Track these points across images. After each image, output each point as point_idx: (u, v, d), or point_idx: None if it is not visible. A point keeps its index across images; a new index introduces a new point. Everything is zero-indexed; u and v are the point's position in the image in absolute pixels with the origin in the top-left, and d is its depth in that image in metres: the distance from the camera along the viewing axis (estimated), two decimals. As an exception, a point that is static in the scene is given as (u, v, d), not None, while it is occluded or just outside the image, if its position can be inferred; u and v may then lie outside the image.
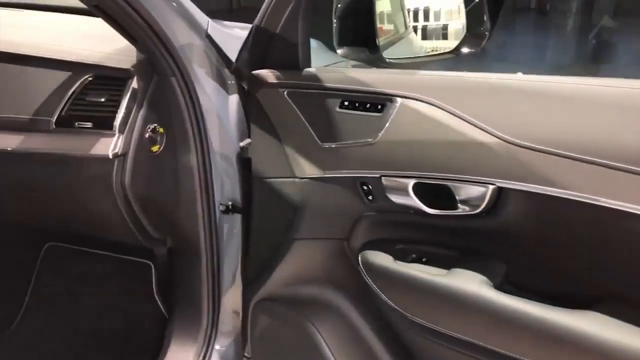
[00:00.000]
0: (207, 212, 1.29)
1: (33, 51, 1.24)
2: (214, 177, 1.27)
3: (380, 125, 1.09)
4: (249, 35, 1.22)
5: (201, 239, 1.30)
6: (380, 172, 1.11)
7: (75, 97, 1.21)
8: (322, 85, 1.17)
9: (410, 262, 1.11)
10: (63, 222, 1.48)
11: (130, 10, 1.08)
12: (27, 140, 1.20)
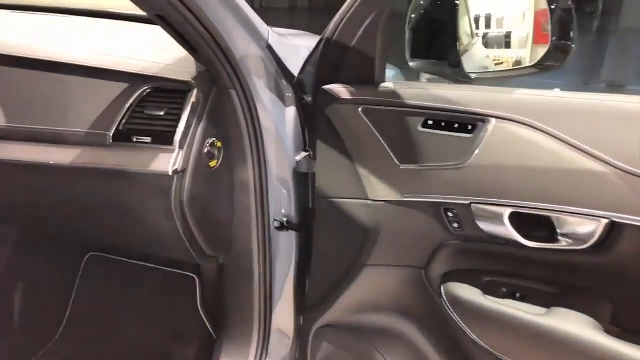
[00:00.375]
0: (261, 228, 1.24)
1: (88, 61, 1.15)
2: (270, 192, 1.21)
3: (471, 148, 1.01)
4: (316, 47, 1.14)
5: (254, 256, 1.26)
6: (470, 198, 1.03)
7: (133, 110, 1.12)
8: (402, 102, 1.09)
9: (502, 297, 1.02)
10: (116, 238, 1.42)
11: (194, 20, 0.98)
12: (84, 155, 1.12)
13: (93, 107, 1.12)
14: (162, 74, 1.12)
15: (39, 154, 1.13)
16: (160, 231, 1.19)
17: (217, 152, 1.18)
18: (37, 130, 1.13)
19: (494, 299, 1.02)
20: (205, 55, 1.08)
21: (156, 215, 1.16)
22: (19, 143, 1.14)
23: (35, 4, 1.69)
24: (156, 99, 1.12)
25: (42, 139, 1.13)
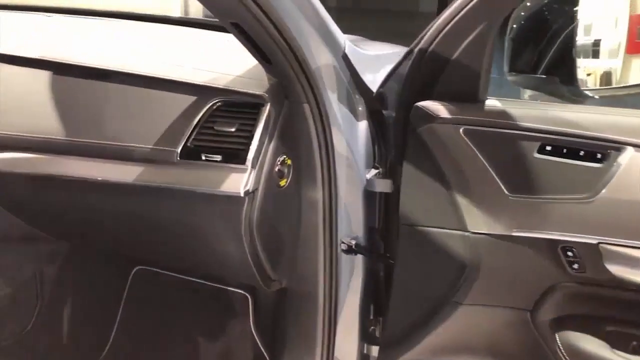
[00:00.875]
0: (328, 251, 1.17)
1: (154, 72, 1.08)
2: (339, 212, 1.14)
3: (601, 179, 0.92)
4: (405, 59, 1.04)
5: (320, 280, 1.19)
6: (598, 237, 0.93)
7: (201, 125, 1.05)
8: (514, 123, 0.99)
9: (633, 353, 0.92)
10: (175, 257, 1.36)
11: (272, 28, 0.91)
12: (149, 173, 1.06)
13: (159, 121, 1.06)
14: (232, 86, 1.05)
15: (101, 170, 1.07)
16: (225, 253, 1.13)
17: (287, 170, 1.10)
18: (99, 145, 1.07)
19: (624, 355, 0.92)
20: (279, 66, 1.01)
21: (223, 237, 1.09)
22: (81, 159, 1.09)
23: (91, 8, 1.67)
24: (226, 113, 1.05)
25: (105, 155, 1.08)
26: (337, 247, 1.17)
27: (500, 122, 1.00)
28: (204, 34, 1.40)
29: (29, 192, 1.22)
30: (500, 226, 1.02)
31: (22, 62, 1.18)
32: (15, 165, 1.14)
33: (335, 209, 1.14)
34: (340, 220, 1.15)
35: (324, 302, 1.19)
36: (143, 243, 1.33)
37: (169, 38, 1.38)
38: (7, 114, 1.15)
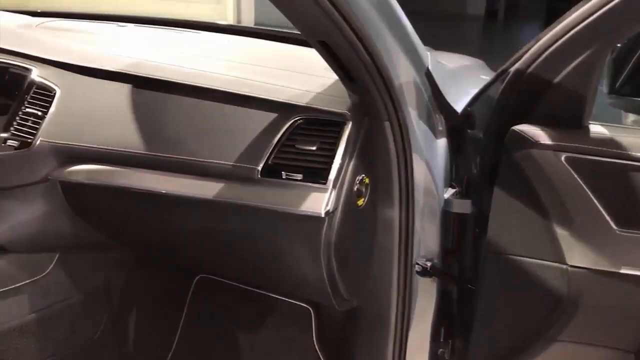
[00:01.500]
0: (403, 272, 1.14)
1: (235, 87, 1.07)
2: (415, 233, 1.10)
3: None
4: (496, 79, 0.99)
5: (393, 301, 1.15)
6: None
7: (282, 143, 1.03)
8: (624, 153, 0.93)
9: None
10: (248, 273, 1.35)
11: (359, 46, 0.88)
12: (229, 190, 1.05)
13: (240, 138, 1.04)
14: (314, 104, 1.03)
15: (180, 185, 1.07)
16: (301, 272, 1.10)
17: (365, 189, 1.07)
18: (179, 160, 1.06)
19: None
20: (362, 84, 0.98)
21: (301, 256, 1.07)
22: (159, 173, 1.09)
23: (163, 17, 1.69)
24: (307, 131, 1.03)
25: (184, 170, 1.07)
26: (411, 268, 1.13)
27: (608, 151, 0.94)
28: (279, 46, 1.39)
29: (106, 203, 1.23)
30: (606, 262, 0.96)
31: (103, 75, 1.20)
32: (94, 176, 1.14)
33: (412, 230, 1.10)
34: (416, 241, 1.12)
35: (395, 323, 1.16)
36: (214, 256, 1.32)
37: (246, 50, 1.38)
38: (89, 127, 1.16)
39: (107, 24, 1.60)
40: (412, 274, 1.13)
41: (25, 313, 1.33)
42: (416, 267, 1.13)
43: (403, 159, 1.05)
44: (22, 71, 1.24)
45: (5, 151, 1.17)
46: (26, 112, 1.19)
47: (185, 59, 1.24)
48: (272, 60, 1.26)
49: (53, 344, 1.42)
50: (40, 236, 1.28)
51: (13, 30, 1.43)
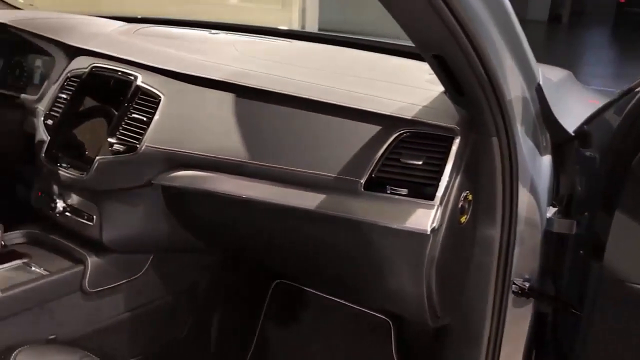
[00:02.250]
0: (500, 292, 1.10)
1: (339, 100, 1.07)
2: (515, 252, 1.07)
3: None
4: (621, 97, 0.95)
5: (487, 321, 1.12)
6: None
7: (387, 157, 1.02)
8: None
9: None
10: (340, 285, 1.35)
11: (476, 61, 0.86)
12: (331, 202, 1.04)
13: (343, 150, 1.04)
14: (421, 117, 1.01)
15: (280, 195, 1.07)
16: (398, 288, 1.09)
17: (468, 206, 1.05)
18: (280, 169, 1.07)
19: None
20: (473, 99, 0.96)
21: (401, 272, 1.06)
22: (260, 181, 1.10)
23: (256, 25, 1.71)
24: (413, 145, 1.01)
25: (285, 180, 1.07)
26: (508, 287, 1.10)
27: None
28: (380, 57, 1.38)
29: (204, 208, 1.25)
30: None
31: (206, 83, 1.22)
32: (194, 182, 1.17)
33: (512, 249, 1.07)
34: (515, 260, 1.09)
35: (487, 343, 1.13)
36: (302, 264, 1.32)
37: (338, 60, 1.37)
38: (191, 134, 1.18)
39: (199, 31, 1.63)
40: (508, 294, 1.10)
41: (120, 311, 1.37)
42: (513, 287, 1.10)
43: (509, 176, 1.03)
44: (128, 78, 1.28)
45: (112, 155, 1.21)
46: (132, 117, 1.23)
47: (283, 68, 1.24)
48: (370, 71, 1.25)
49: (144, 341, 1.46)
50: (140, 237, 1.32)
51: (116, 37, 1.48)
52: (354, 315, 1.58)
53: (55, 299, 1.24)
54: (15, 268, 1.26)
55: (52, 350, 1.12)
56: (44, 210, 1.38)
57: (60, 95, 1.37)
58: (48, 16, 1.65)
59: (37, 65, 1.57)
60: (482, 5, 0.82)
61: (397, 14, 0.81)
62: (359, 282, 1.21)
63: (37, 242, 1.38)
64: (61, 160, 1.29)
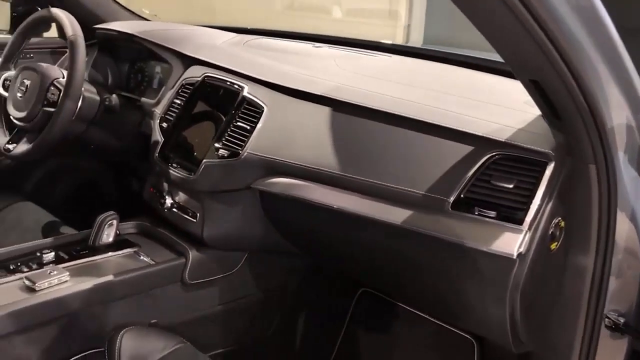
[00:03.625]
0: (590, 324, 1.06)
1: (431, 118, 1.09)
2: (611, 283, 1.02)
3: None
4: None
5: (574, 353, 1.08)
6: None
7: (477, 177, 1.02)
8: None
9: None
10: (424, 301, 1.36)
11: (575, 87, 0.84)
12: (417, 218, 1.06)
13: (434, 168, 1.05)
14: (515, 140, 1.00)
15: (369, 207, 1.10)
16: (481, 309, 1.09)
17: (559, 233, 1.03)
18: (370, 183, 1.10)
19: None
20: (570, 124, 0.93)
21: (484, 294, 1.05)
22: (350, 193, 1.13)
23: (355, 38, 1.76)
24: (505, 167, 1.01)
25: (374, 193, 1.10)
26: (600, 321, 1.06)
27: None
28: (481, 75, 1.37)
29: (296, 214, 1.31)
30: None
31: (306, 96, 1.28)
32: (289, 189, 1.23)
33: (607, 280, 1.03)
34: (609, 293, 1.04)
35: None
36: (385, 276, 1.35)
37: (436, 76, 1.38)
38: (289, 144, 1.25)
39: (304, 43, 1.70)
40: (599, 328, 1.06)
41: (215, 304, 1.47)
42: (606, 321, 1.06)
43: (606, 205, 0.99)
44: (236, 88, 1.37)
45: (217, 159, 1.31)
46: (237, 125, 1.32)
47: (380, 84, 1.27)
48: (466, 89, 1.25)
49: (234, 334, 1.55)
50: (236, 236, 1.41)
51: (226, 48, 1.59)
52: (438, 331, 1.57)
53: (159, 287, 1.35)
54: (126, 256, 1.39)
55: (153, 333, 1.23)
56: (154, 205, 1.51)
57: (175, 101, 1.49)
58: (168, 27, 1.80)
59: (156, 71, 1.72)
60: (580, 28, 0.79)
61: (490, 36, 0.81)
62: (441, 300, 1.21)
63: (146, 234, 1.51)
64: (172, 161, 1.41)
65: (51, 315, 1.17)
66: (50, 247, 1.33)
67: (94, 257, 1.34)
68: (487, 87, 1.31)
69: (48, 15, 1.49)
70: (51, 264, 1.28)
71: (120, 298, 1.28)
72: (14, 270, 1.24)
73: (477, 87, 1.31)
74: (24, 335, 1.13)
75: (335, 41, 1.72)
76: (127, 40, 1.73)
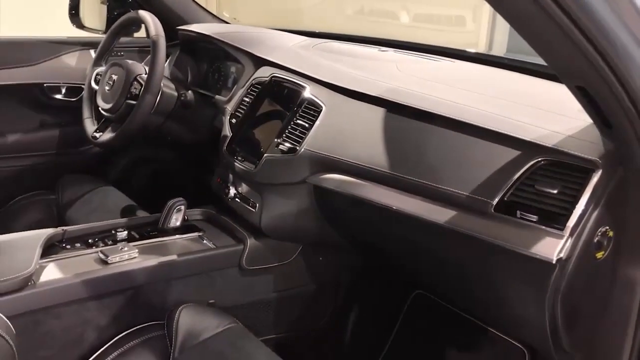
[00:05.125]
0: (638, 336, 1.03)
1: (482, 121, 1.10)
2: None
3: None
4: None
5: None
6: None
7: (521, 181, 1.02)
8: None
9: None
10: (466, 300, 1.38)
11: (623, 94, 0.84)
12: (460, 219, 1.08)
13: (479, 171, 1.07)
14: (562, 146, 1.00)
15: (416, 206, 1.13)
16: (521, 313, 1.09)
17: (607, 242, 1.01)
18: (418, 183, 1.14)
19: None
20: (620, 132, 0.92)
21: (523, 297, 1.06)
22: (399, 192, 1.17)
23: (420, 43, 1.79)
24: (550, 173, 1.01)
25: (420, 193, 1.13)
26: None
27: None
28: (532, 80, 1.37)
29: (348, 210, 1.37)
30: None
31: (363, 98, 1.33)
32: (342, 185, 1.28)
33: None
34: None
35: None
36: (433, 276, 1.37)
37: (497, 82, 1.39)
38: (344, 142, 1.30)
39: (370, 47, 1.75)
40: None
41: (269, 290, 1.55)
42: None
43: None
44: (299, 88, 1.45)
45: (278, 154, 1.39)
46: (297, 123, 1.39)
47: (436, 87, 1.30)
48: (523, 96, 1.25)
49: (286, 322, 1.63)
50: (292, 228, 1.49)
51: (295, 51, 1.67)
52: (490, 338, 1.57)
53: (218, 269, 1.45)
54: (191, 239, 1.51)
55: (210, 312, 1.32)
56: (220, 194, 1.62)
57: (244, 99, 1.59)
58: (243, 30, 1.91)
59: (231, 71, 1.83)
60: (625, 31, 0.78)
61: (532, 41, 0.82)
62: (485, 303, 1.22)
63: (210, 220, 1.62)
64: (237, 154, 1.51)
65: (120, 286, 1.29)
66: (124, 227, 1.46)
67: (162, 238, 1.46)
68: (542, 93, 1.31)
69: (136, 17, 1.64)
70: (124, 242, 1.41)
71: (182, 277, 1.39)
72: (91, 244, 1.38)
73: (532, 93, 1.31)
74: (96, 302, 1.26)
75: (401, 45, 1.75)
76: (205, 41, 1.86)
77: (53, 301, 1.20)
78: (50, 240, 1.35)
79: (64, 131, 2.07)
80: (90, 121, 1.71)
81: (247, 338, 1.27)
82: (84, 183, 1.92)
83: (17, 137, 1.99)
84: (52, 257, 1.30)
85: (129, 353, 1.21)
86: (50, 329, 1.20)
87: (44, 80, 2.00)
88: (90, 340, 1.26)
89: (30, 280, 1.18)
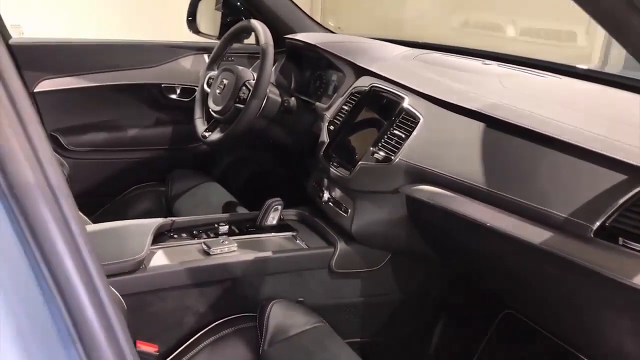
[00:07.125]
0: None
1: (582, 141, 1.07)
2: None
3: None
4: None
5: None
6: None
7: (626, 207, 0.98)
8: None
9: None
10: (559, 327, 1.34)
11: None
12: (558, 241, 1.05)
13: (580, 193, 1.04)
14: None
15: (510, 224, 1.12)
16: (619, 346, 1.05)
17: None
18: (513, 200, 1.12)
19: None
20: None
21: (622, 329, 1.02)
22: (493, 208, 1.16)
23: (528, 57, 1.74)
24: None
25: (516, 211, 1.12)
26: None
27: None
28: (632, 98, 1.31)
29: (440, 222, 1.37)
30: None
31: (461, 111, 1.33)
32: (435, 198, 1.28)
33: None
34: None
35: None
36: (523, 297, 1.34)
37: (607, 103, 1.33)
38: (439, 155, 1.31)
39: (474, 60, 1.73)
40: None
41: (357, 295, 1.59)
42: None
43: None
44: (398, 98, 1.47)
45: (372, 162, 1.43)
46: (393, 133, 1.42)
47: (538, 104, 1.27)
48: (633, 117, 1.19)
49: (372, 327, 1.66)
50: (382, 236, 1.52)
51: (396, 61, 1.69)
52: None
53: (309, 269, 1.51)
54: (286, 238, 1.58)
55: (299, 310, 1.39)
56: (314, 197, 1.69)
57: (343, 107, 1.64)
58: (347, 40, 1.97)
59: (332, 79, 1.89)
60: None
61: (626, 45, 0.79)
62: (577, 329, 1.18)
63: (304, 221, 1.69)
64: (333, 160, 1.56)
65: (218, 276, 1.39)
66: (226, 221, 1.57)
67: (259, 235, 1.55)
68: None
69: (248, 25, 1.75)
70: (224, 235, 1.51)
71: (275, 273, 1.46)
72: (195, 235, 1.50)
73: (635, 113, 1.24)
74: (196, 289, 1.36)
75: (506, 59, 1.72)
76: (310, 50, 1.94)
77: (160, 285, 1.31)
78: (160, 229, 1.47)
79: (176, 128, 2.24)
80: (201, 121, 1.84)
81: (332, 338, 1.31)
82: (190, 178, 2.07)
83: (135, 132, 2.18)
84: (161, 245, 1.42)
85: (222, 340, 1.30)
86: (155, 311, 1.32)
87: (162, 81, 2.18)
88: (190, 324, 1.37)
89: (142, 264, 1.31)
